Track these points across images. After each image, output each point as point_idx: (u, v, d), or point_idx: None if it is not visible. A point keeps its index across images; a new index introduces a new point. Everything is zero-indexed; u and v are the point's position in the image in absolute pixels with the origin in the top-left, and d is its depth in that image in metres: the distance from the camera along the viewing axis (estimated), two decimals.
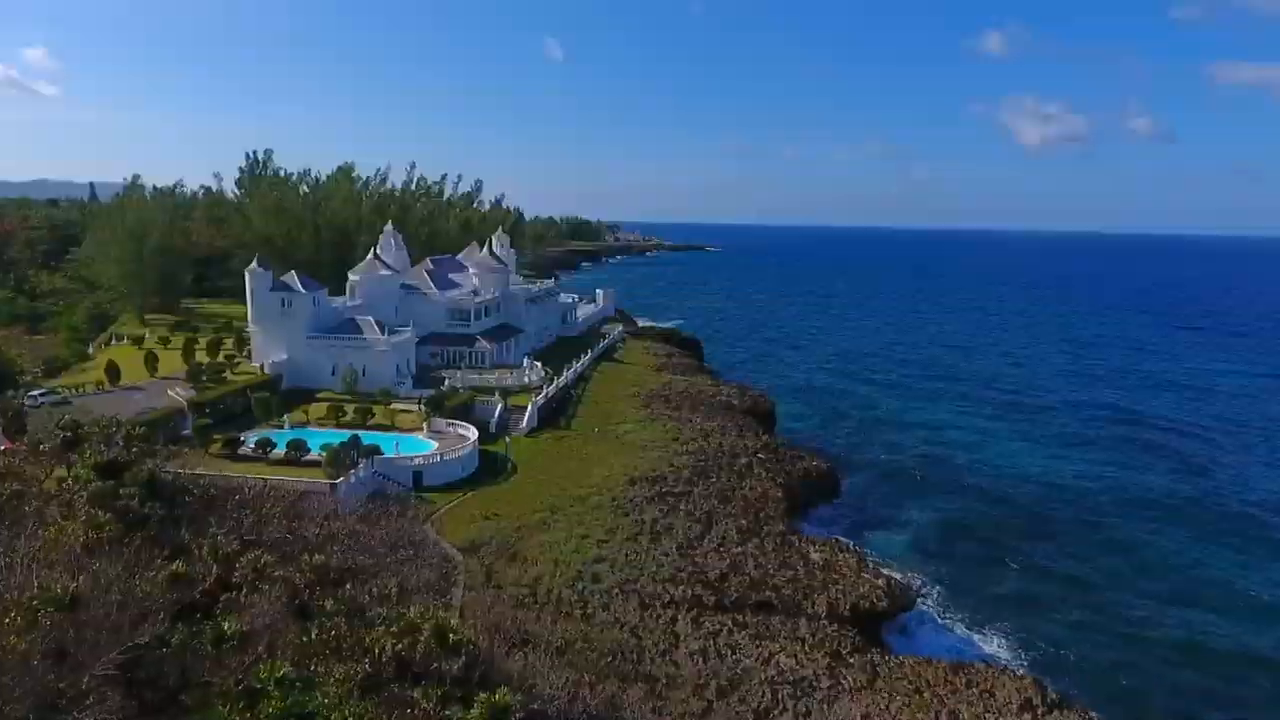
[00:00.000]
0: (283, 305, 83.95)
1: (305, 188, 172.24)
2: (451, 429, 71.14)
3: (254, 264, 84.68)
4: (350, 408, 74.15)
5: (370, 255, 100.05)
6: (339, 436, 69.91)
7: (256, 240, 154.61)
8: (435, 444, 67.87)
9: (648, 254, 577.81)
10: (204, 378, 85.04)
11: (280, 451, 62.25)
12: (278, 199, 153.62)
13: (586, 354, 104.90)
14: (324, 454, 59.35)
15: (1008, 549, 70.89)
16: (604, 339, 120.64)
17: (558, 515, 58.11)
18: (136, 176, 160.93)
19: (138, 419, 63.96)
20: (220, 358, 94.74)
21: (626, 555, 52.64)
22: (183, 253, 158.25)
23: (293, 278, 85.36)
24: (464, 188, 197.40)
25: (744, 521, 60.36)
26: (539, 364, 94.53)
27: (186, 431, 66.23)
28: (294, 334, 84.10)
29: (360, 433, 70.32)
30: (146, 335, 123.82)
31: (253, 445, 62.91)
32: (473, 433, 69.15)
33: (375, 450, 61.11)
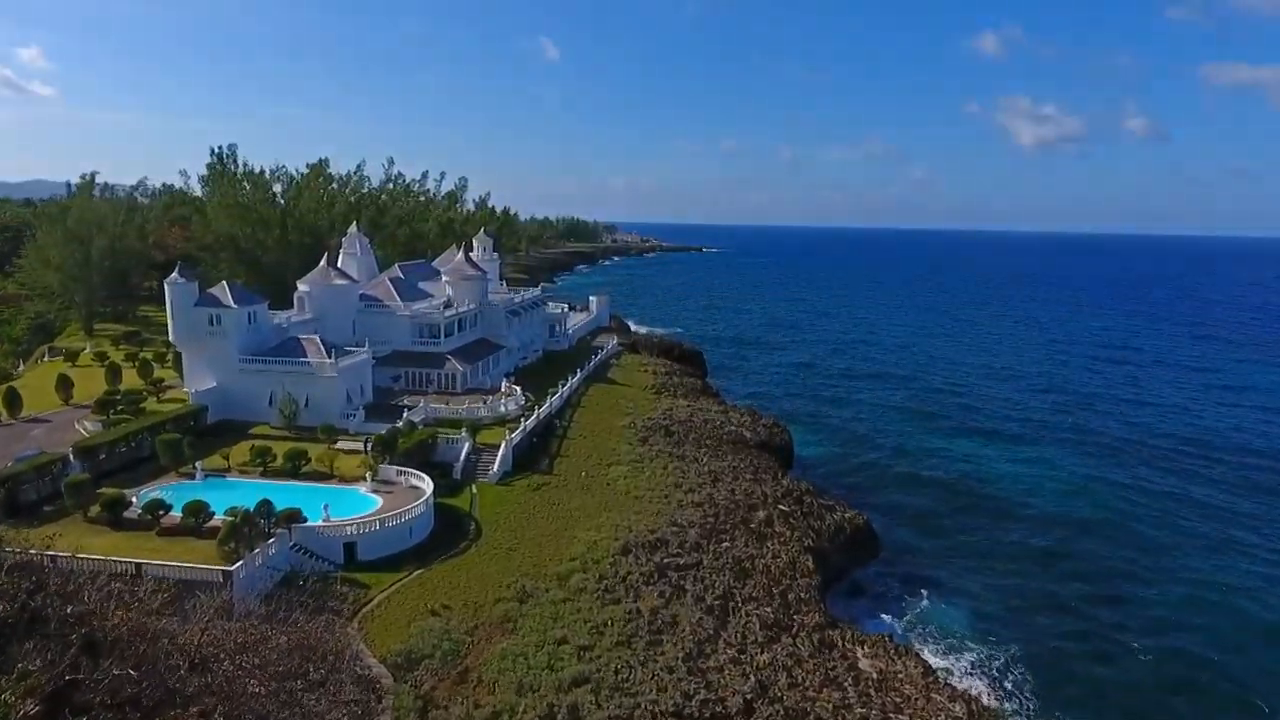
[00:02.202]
0: (210, 323, 70.33)
1: (279, 185, 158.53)
2: (403, 479, 57.61)
3: (174, 274, 71.06)
4: (281, 450, 60.58)
5: (323, 262, 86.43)
6: (262, 490, 56.60)
7: (219, 242, 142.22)
8: (379, 500, 54.34)
9: (646, 255, 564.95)
10: (119, 408, 71.71)
11: (176, 515, 48.83)
12: (238, 197, 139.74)
13: (575, 374, 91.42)
14: (226, 519, 45.91)
15: (1094, 612, 58.49)
16: (596, 354, 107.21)
17: (528, 604, 44.61)
18: (94, 174, 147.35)
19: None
20: (150, 381, 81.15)
21: (617, 670, 39.13)
22: (139, 256, 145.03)
23: (223, 289, 71.78)
24: (447, 186, 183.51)
25: (769, 609, 46.89)
26: (518, 389, 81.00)
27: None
28: (223, 357, 70.58)
29: (289, 484, 57.09)
30: (87, 349, 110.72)
31: (141, 508, 49.42)
32: (428, 484, 55.64)
33: (294, 516, 47.54)
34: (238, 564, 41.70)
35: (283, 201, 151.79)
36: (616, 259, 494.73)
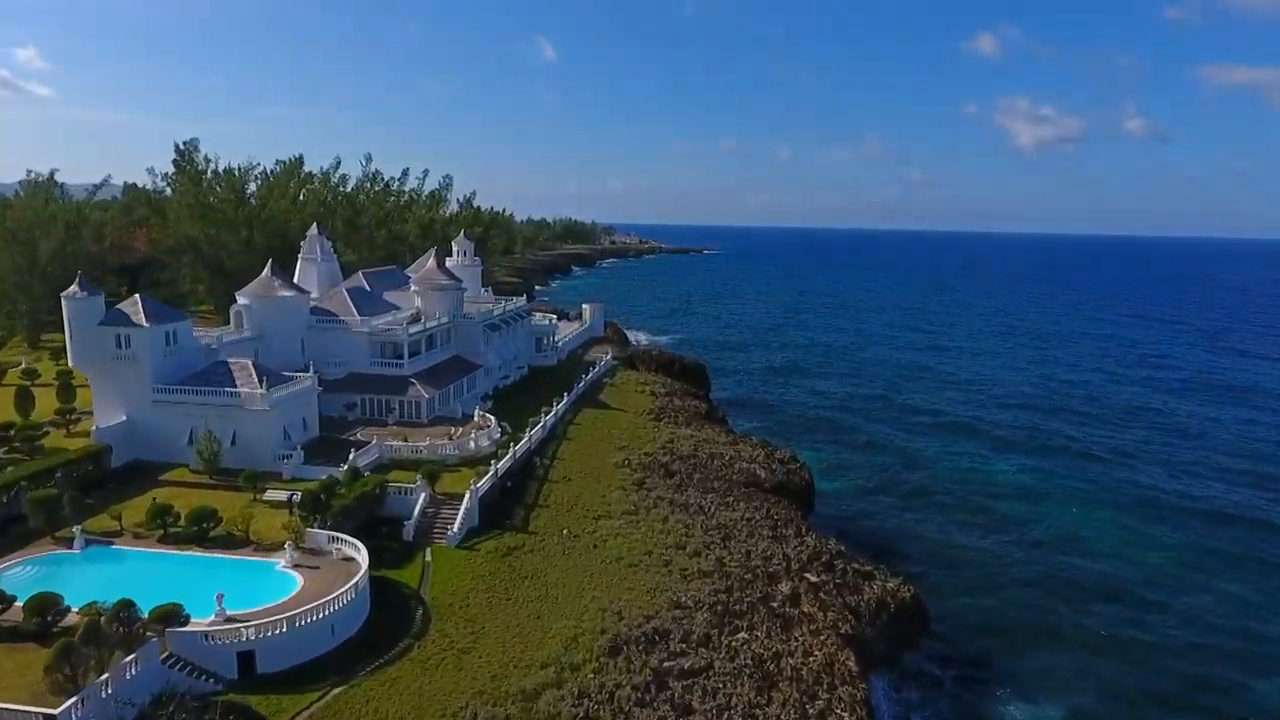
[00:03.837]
0: (117, 345, 58.45)
1: (254, 184, 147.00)
2: (335, 548, 45.78)
3: (74, 286, 59.12)
4: (186, 506, 48.79)
5: (266, 271, 74.51)
6: (158, 562, 44.98)
7: (180, 245, 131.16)
8: (299, 580, 42.49)
9: (645, 257, 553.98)
10: (13, 444, 59.97)
11: (20, 607, 36.97)
12: (199, 196, 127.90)
13: (562, 399, 79.61)
14: (81, 618, 34.07)
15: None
16: (589, 371, 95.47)
17: None
18: (54, 171, 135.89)
19: None
20: (59, 410, 69.08)
21: None
22: (94, 260, 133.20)
23: (134, 304, 59.84)
24: (431, 184, 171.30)
25: None
26: (492, 419, 69.24)
27: None
28: (134, 386, 58.72)
29: (190, 554, 45.39)
30: (23, 364, 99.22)
31: None
32: (363, 556, 43.86)
33: (171, 616, 35.60)
34: (69, 702, 29.79)
35: (254, 201, 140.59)
36: (613, 261, 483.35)
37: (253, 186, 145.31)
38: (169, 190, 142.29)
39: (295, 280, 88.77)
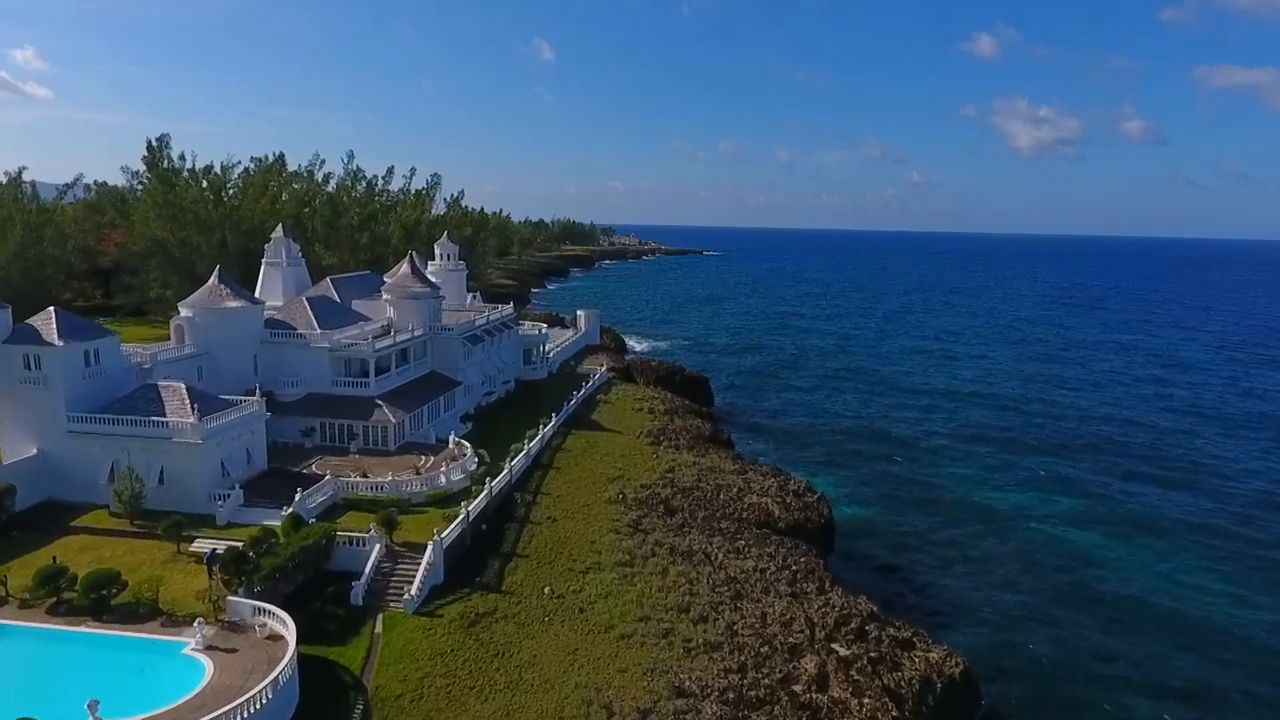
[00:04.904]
0: (25, 366, 50.13)
1: (234, 185, 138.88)
2: (259, 622, 37.41)
3: None
4: (95, 561, 40.56)
5: (213, 278, 66.13)
6: (43, 641, 36.72)
7: (148, 248, 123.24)
8: (209, 667, 34.13)
9: (645, 258, 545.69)
10: None
11: None
12: (169, 196, 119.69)
13: (550, 419, 71.36)
14: None
15: None
16: (581, 386, 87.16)
17: None
18: (23, 169, 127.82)
19: None
20: None
21: None
22: (58, 263, 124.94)
23: (47, 319, 51.41)
24: (418, 184, 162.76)
25: None
26: (469, 448, 60.98)
27: None
28: (47, 414, 50.37)
29: (83, 632, 37.03)
30: None
31: None
32: (290, 632, 35.53)
33: None
34: None
35: (237, 201, 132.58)
36: (612, 263, 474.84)
37: (231, 187, 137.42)
38: (141, 190, 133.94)
39: (259, 287, 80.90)
